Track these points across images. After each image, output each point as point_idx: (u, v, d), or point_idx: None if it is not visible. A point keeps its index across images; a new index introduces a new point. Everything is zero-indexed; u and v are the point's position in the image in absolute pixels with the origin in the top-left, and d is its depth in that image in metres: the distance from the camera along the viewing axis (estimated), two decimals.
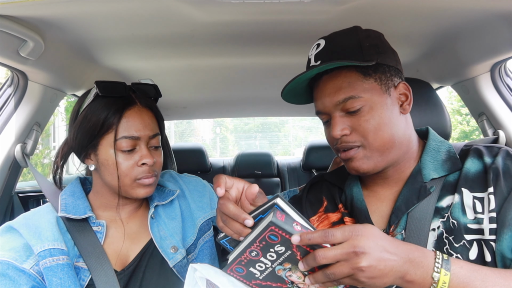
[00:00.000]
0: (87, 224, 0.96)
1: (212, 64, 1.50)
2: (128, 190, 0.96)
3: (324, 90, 0.84)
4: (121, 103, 0.95)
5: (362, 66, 0.81)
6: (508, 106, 1.40)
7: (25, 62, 1.12)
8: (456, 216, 0.79)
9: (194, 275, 0.75)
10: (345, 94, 0.81)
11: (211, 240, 1.13)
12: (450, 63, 1.42)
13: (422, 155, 0.87)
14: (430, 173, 0.84)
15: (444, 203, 0.81)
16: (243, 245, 0.69)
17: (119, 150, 0.93)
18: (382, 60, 0.83)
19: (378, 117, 0.81)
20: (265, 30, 1.13)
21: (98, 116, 0.93)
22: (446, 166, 0.84)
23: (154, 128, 0.99)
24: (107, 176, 0.95)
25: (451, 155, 0.86)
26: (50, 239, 0.89)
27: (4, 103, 1.30)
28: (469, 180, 0.81)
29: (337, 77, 0.82)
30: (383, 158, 0.83)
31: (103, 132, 0.93)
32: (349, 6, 0.96)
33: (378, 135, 0.81)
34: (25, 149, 1.33)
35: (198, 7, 0.96)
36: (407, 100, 0.87)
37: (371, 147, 0.81)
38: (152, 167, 0.97)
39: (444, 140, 0.91)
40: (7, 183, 1.33)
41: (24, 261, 0.85)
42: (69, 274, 0.87)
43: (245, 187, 0.78)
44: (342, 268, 0.64)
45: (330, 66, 0.81)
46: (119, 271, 0.95)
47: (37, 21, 0.97)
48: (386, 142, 0.82)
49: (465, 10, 1.01)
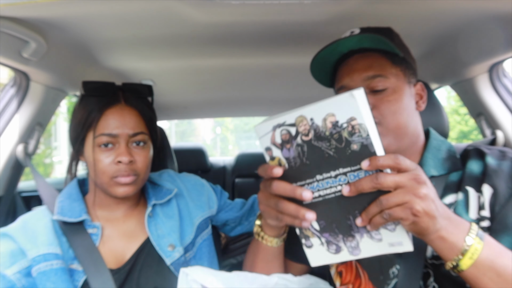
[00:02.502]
0: (82, 227, 0.97)
1: (213, 65, 1.50)
2: (107, 188, 0.97)
3: (355, 66, 0.87)
4: (104, 101, 0.97)
5: (390, 55, 0.86)
6: (506, 107, 1.41)
7: (27, 63, 1.13)
8: (459, 213, 0.80)
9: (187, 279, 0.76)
10: (375, 71, 0.84)
11: (209, 239, 1.14)
12: (449, 64, 1.43)
13: (424, 152, 0.89)
14: (430, 170, 0.86)
15: (446, 200, 0.83)
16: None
17: (98, 147, 0.95)
18: (408, 58, 0.89)
19: (400, 102, 0.85)
20: (265, 31, 1.13)
21: (82, 114, 0.96)
22: (446, 165, 0.86)
23: (137, 127, 0.99)
24: (91, 173, 0.98)
25: (451, 154, 0.88)
26: (45, 244, 0.91)
27: (7, 104, 1.31)
28: (474, 179, 0.82)
29: (368, 57, 0.86)
30: (395, 141, 0.84)
31: (85, 129, 0.96)
32: (349, 7, 0.97)
33: (396, 117, 0.84)
34: (27, 149, 1.34)
35: (199, 8, 0.96)
36: (421, 99, 0.92)
37: (388, 127, 0.83)
38: (130, 166, 0.96)
39: (445, 139, 0.93)
40: (9, 183, 1.34)
41: (8, 267, 0.87)
42: (62, 278, 0.89)
43: None
44: (400, 195, 0.61)
45: (371, 42, 0.84)
46: (115, 269, 0.96)
47: (39, 22, 0.98)
48: (401, 126, 0.84)
49: (463, 11, 1.01)
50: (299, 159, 0.67)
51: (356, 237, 0.68)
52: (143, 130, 1.00)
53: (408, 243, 0.66)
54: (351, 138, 0.62)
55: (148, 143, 1.03)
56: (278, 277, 0.91)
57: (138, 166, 0.98)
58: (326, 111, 0.63)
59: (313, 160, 0.66)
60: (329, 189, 0.66)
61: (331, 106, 0.62)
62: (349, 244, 0.69)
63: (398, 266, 0.82)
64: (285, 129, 0.66)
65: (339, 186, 0.65)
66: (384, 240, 0.67)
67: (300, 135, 0.66)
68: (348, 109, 0.61)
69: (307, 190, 0.66)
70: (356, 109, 0.60)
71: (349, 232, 0.68)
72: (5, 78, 4.98)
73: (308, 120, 0.64)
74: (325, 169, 0.65)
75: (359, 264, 0.89)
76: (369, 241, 0.67)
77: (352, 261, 0.91)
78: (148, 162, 1.02)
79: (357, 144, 0.62)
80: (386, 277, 0.83)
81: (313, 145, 0.65)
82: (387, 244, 0.67)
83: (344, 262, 0.92)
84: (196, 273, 0.76)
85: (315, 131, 0.64)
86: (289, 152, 0.68)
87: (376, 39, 0.82)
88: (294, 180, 0.68)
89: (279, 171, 0.68)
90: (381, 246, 0.67)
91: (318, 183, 0.67)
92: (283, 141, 0.67)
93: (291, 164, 0.68)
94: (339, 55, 0.90)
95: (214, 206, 1.19)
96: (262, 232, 0.89)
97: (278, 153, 0.69)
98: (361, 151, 0.62)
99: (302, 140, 0.66)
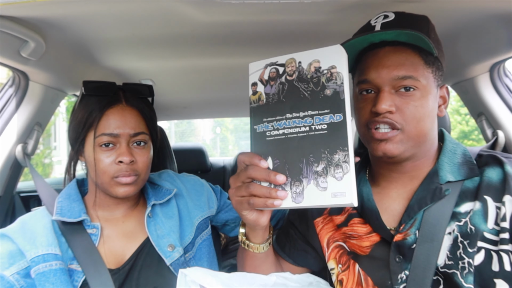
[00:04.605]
0: (81, 227, 0.97)
1: (213, 64, 1.50)
2: (108, 188, 0.97)
3: (385, 61, 0.80)
4: (105, 101, 0.97)
5: (424, 54, 0.80)
6: (507, 106, 1.41)
7: (26, 62, 1.12)
8: (476, 222, 0.78)
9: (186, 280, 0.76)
10: (407, 71, 0.78)
11: (209, 239, 1.13)
12: (449, 63, 1.41)
13: (440, 156, 0.86)
14: (446, 175, 0.83)
15: (462, 209, 0.80)
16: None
17: (98, 147, 0.95)
18: (440, 57, 0.83)
19: (426, 107, 0.80)
20: (265, 30, 1.13)
21: (83, 114, 0.96)
22: (462, 170, 0.83)
23: (138, 127, 0.99)
24: (91, 173, 0.98)
25: (467, 158, 0.85)
26: (44, 245, 0.91)
27: (6, 103, 1.31)
28: (492, 188, 0.79)
29: (401, 53, 0.80)
30: (413, 148, 0.82)
31: (86, 129, 0.96)
32: (349, 7, 0.97)
33: (420, 125, 0.79)
34: (26, 149, 1.34)
35: (199, 7, 0.96)
36: (444, 104, 0.88)
37: (409, 134, 0.79)
38: (130, 166, 0.96)
39: (459, 142, 0.91)
40: (8, 183, 1.33)
41: (6, 268, 0.87)
42: (61, 279, 0.89)
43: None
44: None
45: (408, 38, 0.78)
46: (115, 269, 0.96)
47: (38, 21, 0.97)
48: (423, 134, 0.81)
49: (464, 11, 1.01)
50: (277, 96, 0.76)
51: (303, 182, 0.71)
52: (144, 130, 1.01)
53: (351, 195, 0.66)
54: (327, 83, 0.71)
55: (149, 143, 1.03)
56: (277, 276, 0.91)
57: (139, 166, 0.98)
58: (313, 57, 0.73)
59: (289, 98, 0.74)
60: (294, 129, 0.73)
61: (319, 54, 0.72)
62: (294, 190, 0.71)
63: (407, 272, 0.80)
64: (274, 67, 0.76)
65: (303, 128, 0.72)
66: (328, 190, 0.68)
67: (285, 74, 0.75)
68: (332, 58, 0.71)
69: (280, 174, 0.71)
70: (338, 59, 0.71)
71: (298, 176, 0.71)
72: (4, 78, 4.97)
73: (296, 63, 0.74)
74: (296, 109, 0.73)
75: (362, 271, 0.88)
76: (314, 188, 0.69)
77: (354, 268, 0.89)
78: (149, 162, 1.02)
79: (330, 89, 0.71)
80: (394, 282, 0.82)
81: (294, 85, 0.74)
82: (330, 195, 0.68)
83: (346, 270, 0.91)
84: (194, 274, 0.75)
85: (299, 73, 0.74)
86: (271, 89, 0.77)
87: (414, 36, 0.76)
88: (266, 115, 0.76)
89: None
90: (324, 196, 0.68)
91: (286, 121, 0.74)
92: (269, 78, 0.77)
93: (268, 100, 0.77)
94: (368, 44, 0.83)
95: (214, 206, 1.18)
96: (247, 240, 0.88)
97: (262, 88, 0.78)
98: (332, 96, 0.70)
99: (286, 79, 0.75)
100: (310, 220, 1.00)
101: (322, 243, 0.97)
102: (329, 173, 0.68)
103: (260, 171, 0.72)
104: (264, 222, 0.80)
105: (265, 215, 0.79)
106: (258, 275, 0.88)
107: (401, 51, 0.80)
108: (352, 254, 0.91)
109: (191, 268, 0.77)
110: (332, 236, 0.96)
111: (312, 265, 1.02)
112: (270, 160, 0.74)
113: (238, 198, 0.75)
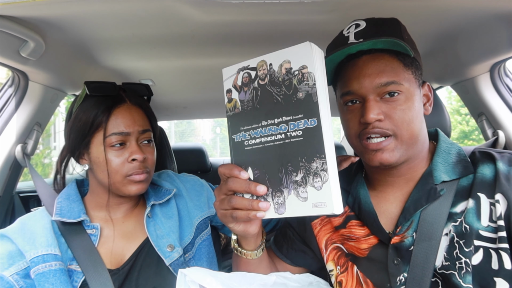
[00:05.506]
0: (81, 228, 0.97)
1: (213, 64, 1.49)
2: (120, 187, 0.97)
3: (365, 70, 0.80)
4: (110, 101, 0.97)
5: (402, 56, 0.81)
6: (508, 106, 1.41)
7: (25, 62, 1.12)
8: (470, 221, 0.78)
9: (185, 280, 0.75)
10: (388, 77, 0.79)
11: (209, 239, 1.13)
12: (450, 63, 1.42)
13: (434, 156, 0.86)
14: (441, 175, 0.83)
15: (458, 209, 0.80)
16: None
17: (109, 147, 0.95)
18: (416, 56, 0.83)
19: (413, 109, 0.80)
20: (265, 30, 1.13)
21: (88, 115, 0.95)
22: (457, 169, 0.83)
23: (144, 124, 1.00)
24: (99, 174, 0.97)
25: (461, 157, 0.85)
26: (44, 245, 0.91)
27: (5, 103, 1.31)
28: (486, 185, 0.79)
29: (380, 60, 0.80)
30: (407, 152, 0.81)
31: (93, 130, 0.95)
32: (349, 7, 0.97)
33: (410, 127, 0.79)
34: (26, 149, 1.34)
35: (198, 7, 0.96)
36: (428, 101, 0.88)
37: (402, 138, 0.80)
38: (143, 163, 0.97)
39: (453, 142, 0.91)
40: (8, 183, 1.33)
41: (5, 269, 0.87)
42: (61, 279, 0.89)
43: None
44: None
45: (384, 45, 0.78)
46: (114, 270, 0.96)
47: (37, 21, 0.97)
48: (414, 135, 0.81)
49: (465, 11, 1.01)
50: (251, 102, 0.72)
51: (283, 193, 0.68)
52: (149, 128, 1.02)
53: (332, 205, 0.63)
54: (299, 85, 0.66)
55: (153, 141, 1.04)
56: (277, 276, 0.91)
57: (149, 163, 1.00)
58: (283, 58, 0.68)
59: (263, 105, 0.70)
60: (270, 137, 0.70)
61: (289, 54, 0.68)
62: (276, 200, 0.69)
63: (405, 274, 0.80)
64: (247, 72, 0.72)
65: (279, 135, 0.68)
66: (309, 200, 0.66)
67: (258, 79, 0.71)
68: (302, 57, 0.66)
69: (261, 185, 0.69)
70: (309, 58, 0.65)
71: (278, 187, 0.69)
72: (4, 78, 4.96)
73: (267, 65, 0.70)
74: (271, 115, 0.69)
75: (361, 273, 0.88)
76: (295, 199, 0.67)
77: (352, 270, 0.89)
78: (155, 159, 1.04)
79: (303, 92, 0.66)
80: (393, 284, 0.81)
81: (266, 89, 0.70)
82: (311, 205, 0.66)
83: (344, 271, 0.91)
84: (194, 274, 0.75)
85: (271, 76, 0.69)
86: (245, 95, 0.73)
87: (390, 42, 0.77)
88: (242, 124, 0.73)
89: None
90: (305, 206, 0.66)
91: (262, 129, 0.70)
92: (243, 84, 0.73)
93: (244, 107, 0.73)
94: (345, 56, 0.84)
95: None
96: (240, 247, 0.88)
97: (236, 95, 0.74)
98: (305, 99, 0.66)
99: (258, 84, 0.71)
100: (308, 222, 1.00)
101: (320, 245, 0.97)
102: (308, 183, 0.65)
103: (240, 183, 0.71)
104: (254, 231, 0.79)
105: (254, 224, 0.78)
106: (257, 275, 0.88)
107: (380, 58, 0.80)
108: (350, 256, 0.91)
109: (191, 268, 0.77)
110: (330, 238, 0.96)
111: (310, 265, 1.02)
112: (250, 171, 0.72)
113: (222, 211, 0.74)
